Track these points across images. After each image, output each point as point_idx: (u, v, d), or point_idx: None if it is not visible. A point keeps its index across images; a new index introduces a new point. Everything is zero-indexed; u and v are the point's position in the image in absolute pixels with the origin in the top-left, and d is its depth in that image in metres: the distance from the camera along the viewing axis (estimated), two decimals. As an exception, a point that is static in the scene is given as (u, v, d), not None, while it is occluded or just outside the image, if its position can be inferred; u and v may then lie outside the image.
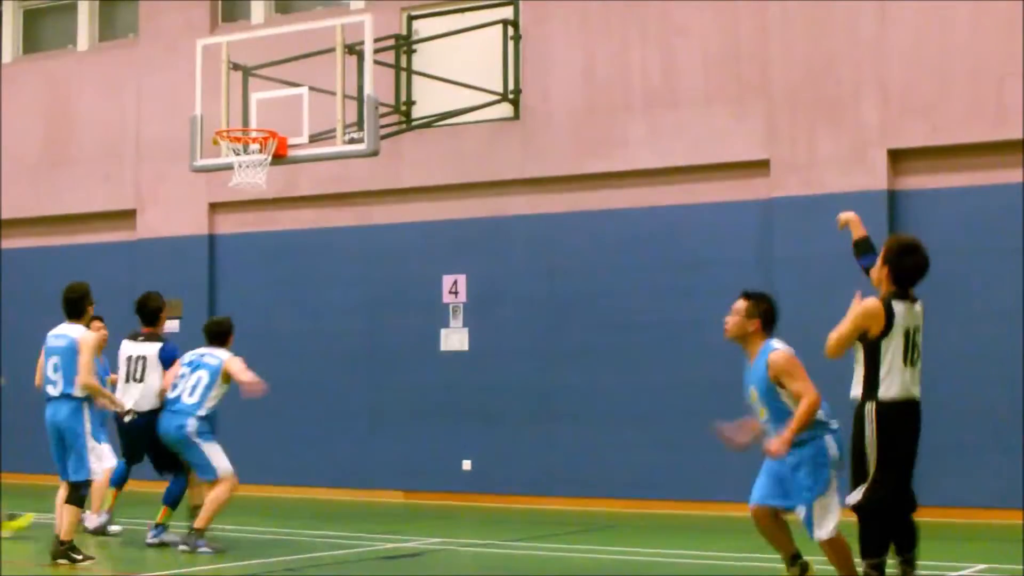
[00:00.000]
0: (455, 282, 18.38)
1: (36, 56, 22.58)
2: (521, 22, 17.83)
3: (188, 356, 13.61)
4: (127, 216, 21.04)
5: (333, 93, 15.84)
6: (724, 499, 16.51)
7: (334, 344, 19.15)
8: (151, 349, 13.91)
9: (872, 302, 8.84)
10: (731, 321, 9.43)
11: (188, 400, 13.29)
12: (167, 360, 13.78)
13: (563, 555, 13.31)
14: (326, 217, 19.43)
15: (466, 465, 18.14)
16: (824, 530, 9.09)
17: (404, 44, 18.07)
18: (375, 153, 16.11)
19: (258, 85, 16.76)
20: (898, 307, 8.87)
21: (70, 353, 12.15)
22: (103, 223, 21.36)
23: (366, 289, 18.98)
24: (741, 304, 9.42)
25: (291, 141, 16.29)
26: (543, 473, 17.81)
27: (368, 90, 15.89)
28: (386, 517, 16.57)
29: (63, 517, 12.12)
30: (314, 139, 16.32)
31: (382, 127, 16.57)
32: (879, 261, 9.09)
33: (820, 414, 9.10)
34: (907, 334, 8.85)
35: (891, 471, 8.73)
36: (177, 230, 20.44)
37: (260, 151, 16.27)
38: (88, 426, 12.18)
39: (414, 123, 17.96)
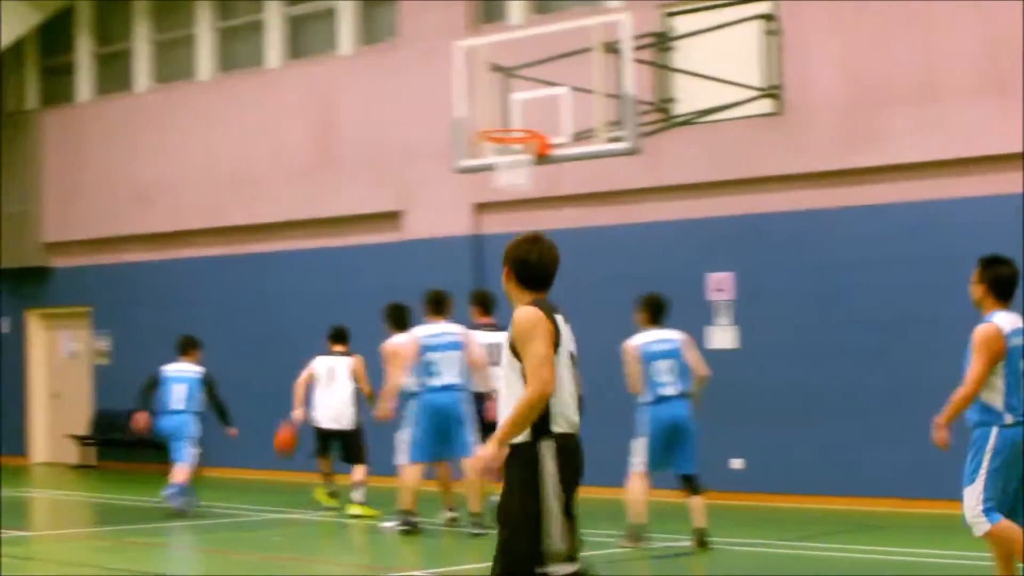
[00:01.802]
0: (722, 279, 18.56)
1: (301, 62, 23.43)
2: (779, 16, 17.87)
3: None
4: (392, 218, 21.72)
5: (593, 92, 16.16)
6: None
7: (602, 344, 19.40)
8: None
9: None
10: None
11: None
12: None
13: (834, 555, 13.46)
14: (588, 216, 19.80)
15: (736, 464, 18.28)
16: None
17: (662, 41, 18.26)
18: (636, 151, 16.42)
19: (518, 85, 17.17)
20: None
21: (679, 355, 13.67)
22: (369, 225, 22.07)
23: (628, 287, 19.18)
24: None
25: (553, 141, 16.64)
26: (813, 472, 17.88)
27: (627, 88, 16.19)
28: (656, 516, 16.71)
29: (695, 506, 13.62)
30: (575, 138, 16.65)
31: (642, 125, 16.84)
32: None
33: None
34: (572, 357, 7.27)
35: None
36: (442, 231, 21.03)
37: (522, 151, 16.68)
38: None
39: (674, 121, 18.15)
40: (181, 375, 18.00)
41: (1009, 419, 9.10)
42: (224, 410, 18.12)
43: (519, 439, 6.93)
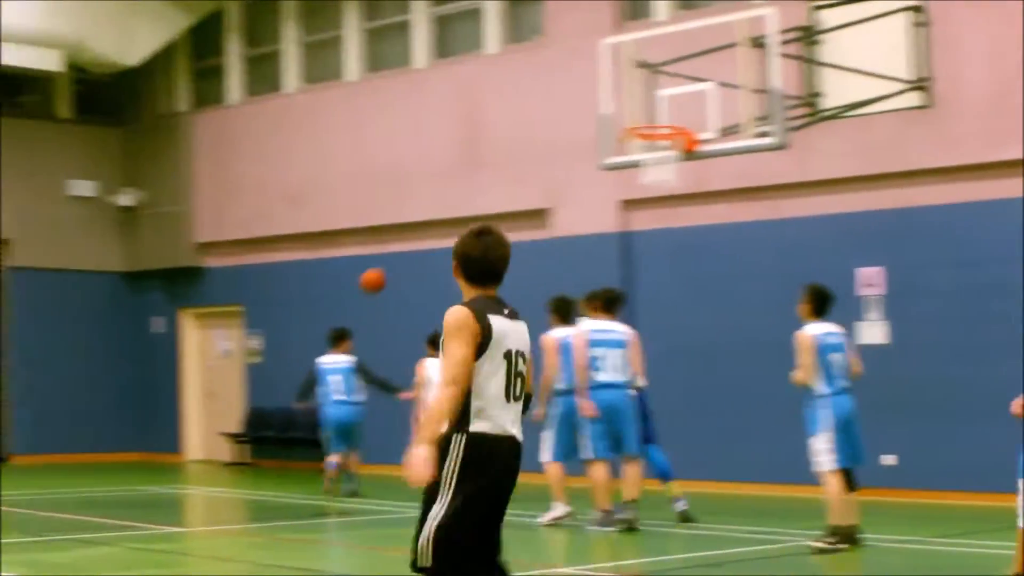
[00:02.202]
0: (871, 274, 18.56)
1: (447, 61, 23.78)
2: (927, 8, 17.79)
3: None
4: (539, 215, 21.98)
5: (739, 87, 16.26)
6: None
7: (748, 339, 19.54)
8: None
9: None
10: None
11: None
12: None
13: (988, 552, 13.44)
14: (736, 212, 19.91)
15: (888, 460, 18.24)
16: None
17: (809, 35, 18.26)
18: (784, 146, 16.48)
19: (664, 82, 17.31)
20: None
21: (844, 348, 13.72)
22: (516, 223, 22.31)
23: (777, 283, 19.28)
24: None
25: (699, 137, 16.76)
26: (966, 468, 17.81)
27: (774, 83, 16.26)
28: (808, 512, 16.73)
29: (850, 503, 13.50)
30: (722, 134, 16.74)
31: (789, 120, 16.88)
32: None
33: None
34: (508, 357, 7.13)
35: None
36: (589, 228, 21.23)
37: (669, 148, 16.82)
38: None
39: (822, 115, 18.14)
40: (335, 366, 18.81)
41: None
42: (385, 384, 19.20)
43: (444, 432, 6.93)
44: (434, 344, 17.32)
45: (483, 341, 6.93)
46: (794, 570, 12.63)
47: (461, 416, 6.92)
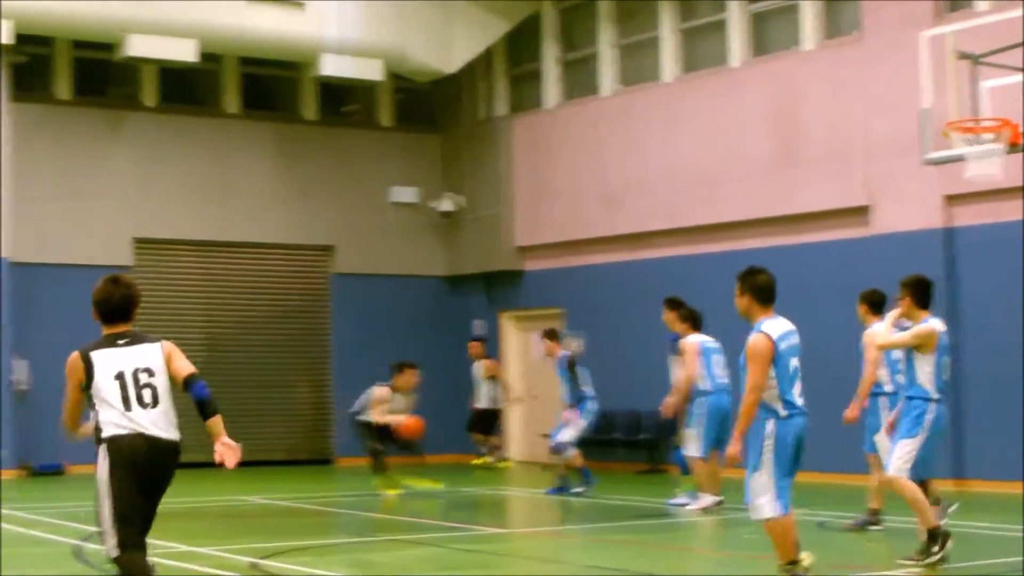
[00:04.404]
0: None
1: (763, 58, 23.90)
2: None
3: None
4: (858, 213, 21.88)
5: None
6: None
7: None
8: None
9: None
10: None
11: None
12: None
13: None
14: (1066, 206, 19.53)
15: None
16: None
17: None
18: (1109, 137, 16.15)
19: (987, 73, 17.11)
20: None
21: None
22: (834, 221, 22.31)
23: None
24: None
25: (1024, 129, 16.55)
26: None
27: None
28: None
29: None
30: (1048, 126, 16.50)
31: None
32: None
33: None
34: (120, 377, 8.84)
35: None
36: (910, 225, 21.08)
37: (993, 141, 16.63)
38: None
39: None
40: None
41: None
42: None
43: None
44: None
45: (87, 375, 8.66)
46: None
47: (98, 431, 8.68)
